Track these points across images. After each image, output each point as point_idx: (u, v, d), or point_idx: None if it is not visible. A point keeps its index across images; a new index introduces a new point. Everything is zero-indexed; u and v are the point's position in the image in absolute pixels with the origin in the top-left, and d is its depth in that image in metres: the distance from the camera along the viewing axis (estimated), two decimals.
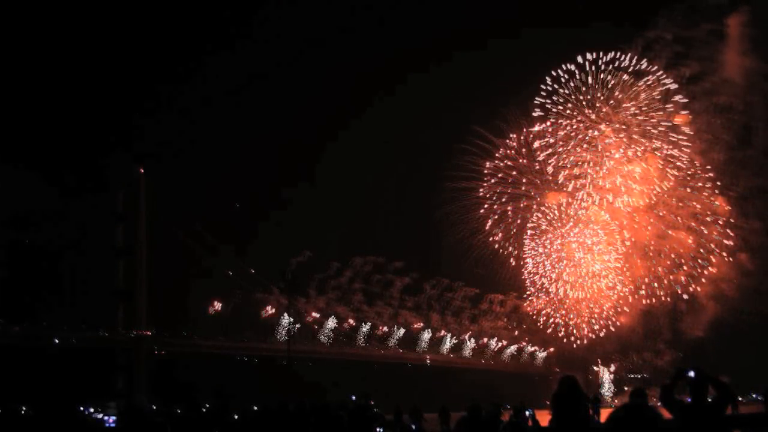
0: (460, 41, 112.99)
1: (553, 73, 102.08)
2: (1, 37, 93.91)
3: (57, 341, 74.87)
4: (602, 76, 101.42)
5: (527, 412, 33.58)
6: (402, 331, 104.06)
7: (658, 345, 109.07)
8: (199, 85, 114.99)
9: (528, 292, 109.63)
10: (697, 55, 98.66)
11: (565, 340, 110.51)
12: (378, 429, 24.58)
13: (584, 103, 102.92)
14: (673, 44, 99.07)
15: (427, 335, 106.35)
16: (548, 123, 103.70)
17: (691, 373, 10.70)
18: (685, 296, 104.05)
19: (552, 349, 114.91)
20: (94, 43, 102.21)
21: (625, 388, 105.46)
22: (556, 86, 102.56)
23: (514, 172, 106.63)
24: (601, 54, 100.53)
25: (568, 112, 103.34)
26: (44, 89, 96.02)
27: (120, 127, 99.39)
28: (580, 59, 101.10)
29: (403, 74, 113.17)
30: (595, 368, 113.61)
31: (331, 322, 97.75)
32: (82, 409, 57.99)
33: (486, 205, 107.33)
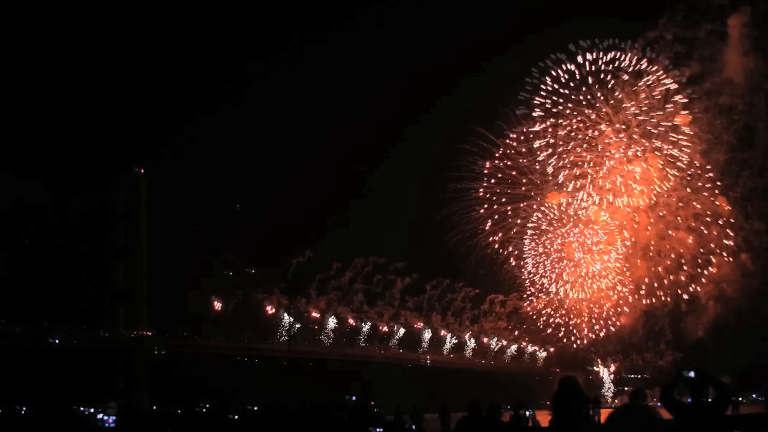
0: (460, 41, 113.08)
1: (554, 73, 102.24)
2: (5, 38, 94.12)
3: (57, 341, 74.80)
4: (603, 76, 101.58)
5: (527, 412, 33.53)
6: (402, 331, 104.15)
7: (659, 345, 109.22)
8: (200, 86, 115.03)
9: (528, 293, 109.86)
10: (698, 56, 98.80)
11: (565, 341, 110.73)
12: (378, 429, 24.58)
13: (584, 103, 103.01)
14: (674, 44, 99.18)
15: (427, 335, 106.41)
16: (548, 123, 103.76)
17: (691, 374, 10.69)
18: (686, 297, 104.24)
19: (552, 350, 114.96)
20: (95, 45, 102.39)
21: (626, 389, 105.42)
22: (556, 86, 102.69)
23: (515, 173, 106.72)
24: (601, 54, 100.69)
25: (568, 112, 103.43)
26: (45, 90, 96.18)
27: (121, 128, 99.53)
28: (580, 59, 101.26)
29: (403, 74, 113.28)
30: (596, 368, 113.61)
31: (332, 323, 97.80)
32: (82, 409, 57.99)
33: (486, 206, 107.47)
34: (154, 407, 62.49)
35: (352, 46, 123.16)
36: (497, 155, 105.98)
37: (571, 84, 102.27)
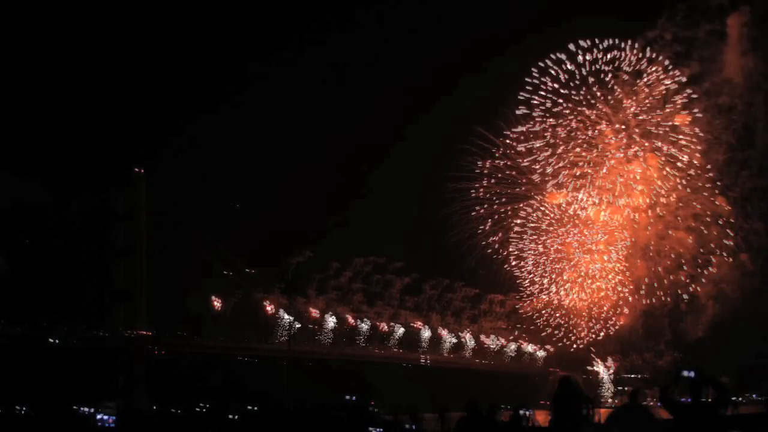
0: (460, 41, 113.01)
1: (554, 73, 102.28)
2: (5, 38, 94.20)
3: (57, 341, 74.83)
4: (602, 76, 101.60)
5: (527, 412, 33.51)
6: (402, 331, 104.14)
7: (659, 345, 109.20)
8: (200, 86, 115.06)
9: (528, 293, 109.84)
10: (697, 56, 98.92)
11: (564, 340, 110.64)
12: (377, 429, 24.59)
13: (584, 103, 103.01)
14: (674, 44, 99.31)
15: (427, 335, 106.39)
16: (548, 123, 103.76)
17: (691, 374, 10.70)
18: (686, 296, 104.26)
19: (552, 349, 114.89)
20: (95, 45, 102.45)
21: (625, 389, 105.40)
22: (556, 86, 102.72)
23: (514, 172, 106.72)
24: (601, 54, 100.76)
25: (567, 112, 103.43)
26: (45, 90, 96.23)
27: (121, 128, 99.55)
28: (580, 59, 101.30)
29: (403, 74, 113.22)
30: (595, 368, 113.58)
31: (332, 322, 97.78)
32: (82, 409, 57.98)
33: (486, 205, 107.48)
34: (154, 407, 62.49)
35: (352, 46, 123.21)
36: (497, 155, 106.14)
37: (571, 84, 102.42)
